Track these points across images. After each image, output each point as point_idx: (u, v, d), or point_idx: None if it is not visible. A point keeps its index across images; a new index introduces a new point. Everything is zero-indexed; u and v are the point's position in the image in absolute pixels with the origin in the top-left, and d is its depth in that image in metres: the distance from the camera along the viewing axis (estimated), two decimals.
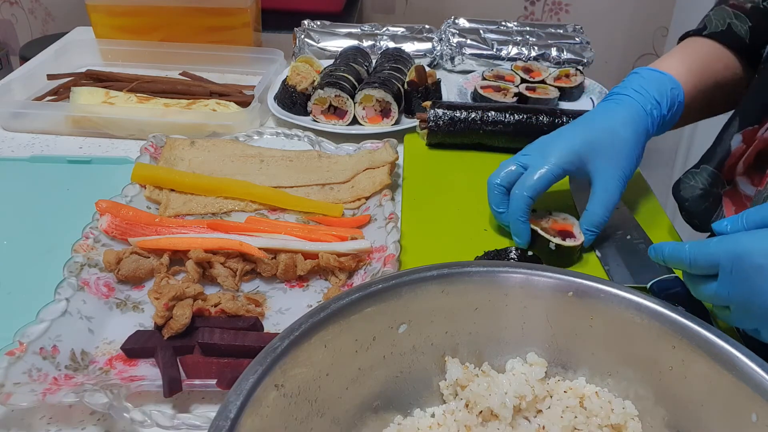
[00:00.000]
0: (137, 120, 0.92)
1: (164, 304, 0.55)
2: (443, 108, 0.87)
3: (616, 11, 2.33)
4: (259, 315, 0.59)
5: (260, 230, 0.67)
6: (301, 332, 0.39)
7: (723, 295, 0.47)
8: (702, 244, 0.48)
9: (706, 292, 0.49)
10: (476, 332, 0.47)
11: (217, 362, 0.52)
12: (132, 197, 0.71)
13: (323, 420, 0.41)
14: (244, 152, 0.83)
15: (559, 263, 0.64)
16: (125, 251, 0.63)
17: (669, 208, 0.82)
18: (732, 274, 0.46)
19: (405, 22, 1.73)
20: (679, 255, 0.50)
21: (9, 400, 0.46)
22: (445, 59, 1.19)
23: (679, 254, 0.50)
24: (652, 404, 0.43)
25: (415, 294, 0.44)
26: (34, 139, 0.92)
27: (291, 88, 0.96)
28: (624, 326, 0.44)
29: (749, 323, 0.48)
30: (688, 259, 0.49)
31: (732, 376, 0.38)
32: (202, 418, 0.47)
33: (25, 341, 0.50)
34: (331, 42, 1.19)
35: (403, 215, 0.74)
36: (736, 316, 0.49)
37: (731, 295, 0.47)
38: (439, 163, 0.86)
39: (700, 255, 0.48)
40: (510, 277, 0.46)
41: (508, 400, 0.43)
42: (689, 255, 0.49)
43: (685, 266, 0.49)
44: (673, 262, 0.51)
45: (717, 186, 0.68)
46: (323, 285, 0.64)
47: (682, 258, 0.49)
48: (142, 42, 1.16)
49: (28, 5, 2.53)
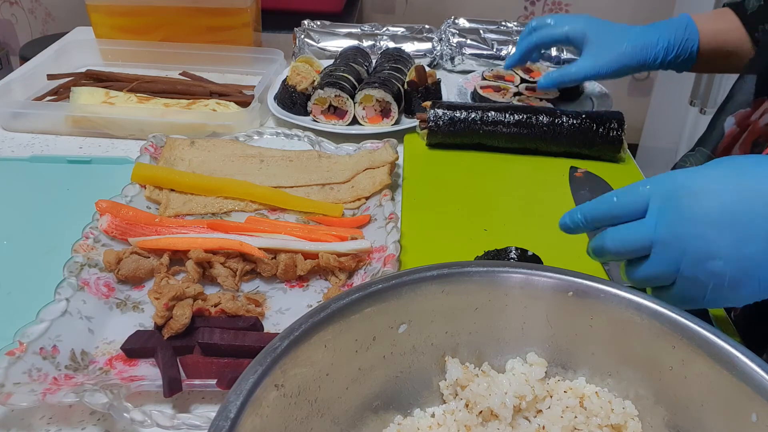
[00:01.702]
0: (137, 120, 0.92)
1: (164, 304, 0.55)
2: (443, 108, 0.87)
3: (616, 11, 2.33)
4: (259, 315, 0.59)
5: (260, 230, 0.67)
6: (301, 332, 0.39)
7: (649, 229, 0.44)
8: (628, 187, 0.46)
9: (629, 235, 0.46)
10: (476, 332, 0.47)
11: (217, 362, 0.52)
12: (132, 197, 0.71)
13: (323, 420, 0.41)
14: (244, 152, 0.83)
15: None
16: (125, 251, 0.63)
17: None
18: (664, 201, 0.44)
19: (405, 22, 1.74)
20: (603, 203, 0.47)
21: (9, 400, 0.46)
22: (445, 59, 1.19)
23: (604, 202, 0.47)
24: (652, 404, 0.43)
25: (415, 294, 0.44)
26: (34, 139, 0.92)
27: (291, 88, 0.96)
28: (624, 326, 0.44)
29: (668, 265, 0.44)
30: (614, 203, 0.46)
31: (732, 376, 0.38)
32: (202, 418, 0.47)
33: (25, 341, 0.50)
34: (331, 42, 1.19)
35: (403, 215, 0.74)
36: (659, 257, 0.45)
37: (659, 227, 0.44)
38: (439, 163, 0.86)
39: (629, 193, 0.46)
40: (510, 277, 0.46)
41: (508, 400, 0.43)
42: (615, 197, 0.46)
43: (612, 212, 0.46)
44: (597, 213, 0.48)
45: None
46: (323, 285, 0.64)
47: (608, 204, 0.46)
48: (142, 42, 1.16)
49: (28, 5, 2.53)
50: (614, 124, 0.85)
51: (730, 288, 0.43)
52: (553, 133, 0.85)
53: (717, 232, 0.42)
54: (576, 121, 0.85)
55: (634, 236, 0.45)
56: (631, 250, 0.46)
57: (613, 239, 0.47)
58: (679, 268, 0.44)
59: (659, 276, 0.46)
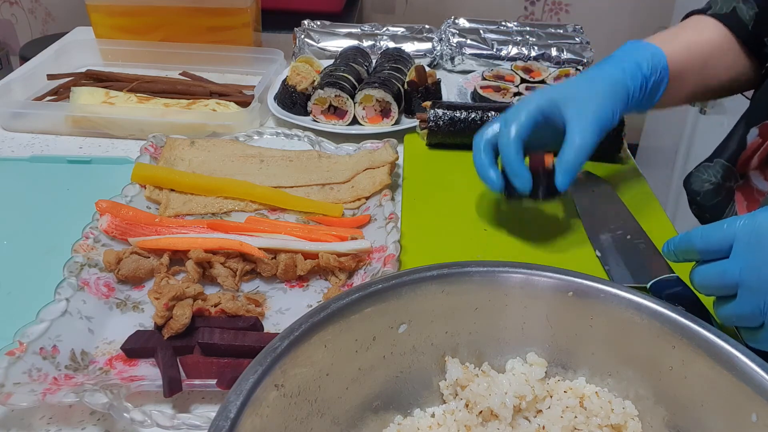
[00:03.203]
0: (137, 120, 0.92)
1: (164, 304, 0.55)
2: (443, 108, 0.87)
3: (616, 11, 2.33)
4: (259, 315, 0.59)
5: (260, 230, 0.67)
6: (301, 332, 0.39)
7: (734, 272, 0.45)
8: (714, 225, 0.47)
9: (714, 275, 0.47)
10: (476, 332, 0.47)
11: (217, 362, 0.52)
12: (132, 197, 0.71)
13: (323, 420, 0.41)
14: (244, 152, 0.83)
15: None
16: (125, 251, 0.63)
17: (669, 208, 0.83)
18: (747, 245, 0.44)
19: (405, 22, 1.74)
20: (689, 239, 0.48)
21: (9, 400, 0.46)
22: (445, 59, 1.19)
23: (690, 238, 0.48)
24: (652, 404, 0.43)
25: (415, 294, 0.44)
26: (34, 139, 0.92)
27: (291, 88, 0.96)
28: (624, 326, 0.44)
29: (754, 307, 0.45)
30: (699, 240, 0.47)
31: (732, 376, 0.38)
32: (202, 418, 0.47)
33: (25, 341, 0.50)
34: (331, 42, 1.19)
35: (403, 215, 0.74)
36: (744, 299, 0.46)
37: (743, 271, 0.44)
38: (439, 163, 0.86)
39: (713, 232, 0.47)
40: (510, 277, 0.46)
41: (508, 400, 0.43)
42: (701, 235, 0.47)
43: (696, 248, 0.48)
44: (683, 246, 0.49)
45: (730, 179, 0.68)
46: (323, 285, 0.64)
47: (693, 241, 0.48)
48: (142, 42, 1.16)
49: (28, 5, 2.53)
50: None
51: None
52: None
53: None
54: None
55: (719, 277, 0.47)
56: (716, 288, 0.48)
57: (700, 277, 0.48)
58: (765, 311, 0.44)
59: (745, 317, 0.46)
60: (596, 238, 0.69)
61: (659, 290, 0.59)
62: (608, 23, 2.32)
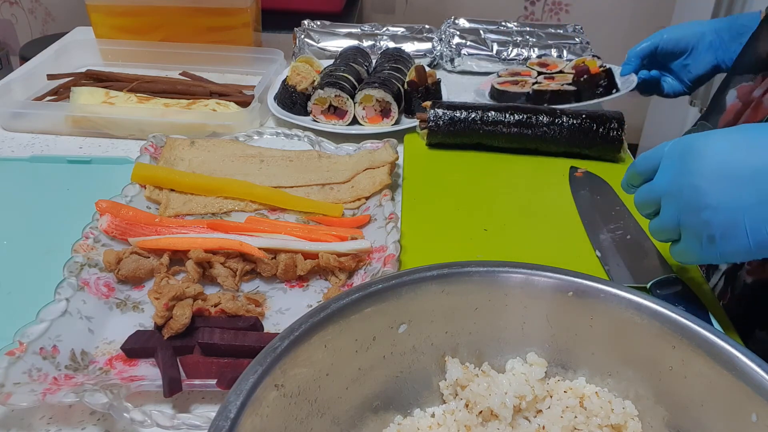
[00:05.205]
0: (137, 120, 0.92)
1: (164, 304, 0.55)
2: (443, 108, 0.87)
3: (616, 11, 2.33)
4: (259, 315, 0.59)
5: (260, 230, 0.67)
6: (301, 332, 0.39)
7: (659, 186, 0.51)
8: (651, 150, 0.54)
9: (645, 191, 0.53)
10: (476, 332, 0.47)
11: (217, 362, 0.52)
12: (132, 197, 0.71)
13: (323, 420, 0.41)
14: (244, 152, 0.83)
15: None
16: (125, 251, 0.63)
17: None
18: (670, 160, 0.50)
19: (405, 22, 1.74)
20: (633, 165, 0.56)
21: (9, 400, 0.46)
22: (445, 59, 1.19)
23: (633, 164, 0.56)
24: (652, 404, 0.43)
25: (415, 294, 0.44)
26: (34, 139, 0.92)
27: (291, 88, 0.96)
28: (624, 326, 0.44)
29: (671, 216, 0.50)
30: (638, 163, 0.54)
31: (732, 376, 0.38)
32: (202, 418, 0.47)
33: (25, 341, 0.50)
34: (331, 42, 1.19)
35: (403, 215, 0.74)
36: (665, 211, 0.51)
37: (664, 184, 0.50)
38: (439, 163, 0.86)
39: (649, 155, 0.53)
40: (510, 277, 0.46)
41: (508, 400, 0.43)
42: (640, 159, 0.54)
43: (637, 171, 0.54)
44: (629, 172, 0.56)
45: None
46: (323, 285, 0.64)
47: (635, 165, 0.55)
48: (142, 42, 1.16)
49: (28, 5, 2.53)
50: (614, 124, 0.85)
51: (723, 239, 0.47)
52: (553, 133, 0.85)
53: (709, 184, 0.47)
54: (576, 121, 0.85)
55: (648, 193, 0.53)
56: (647, 205, 0.54)
57: (637, 196, 0.55)
58: (680, 220, 0.50)
59: (666, 228, 0.51)
60: (596, 238, 0.69)
61: (659, 290, 0.59)
62: (608, 24, 2.32)
